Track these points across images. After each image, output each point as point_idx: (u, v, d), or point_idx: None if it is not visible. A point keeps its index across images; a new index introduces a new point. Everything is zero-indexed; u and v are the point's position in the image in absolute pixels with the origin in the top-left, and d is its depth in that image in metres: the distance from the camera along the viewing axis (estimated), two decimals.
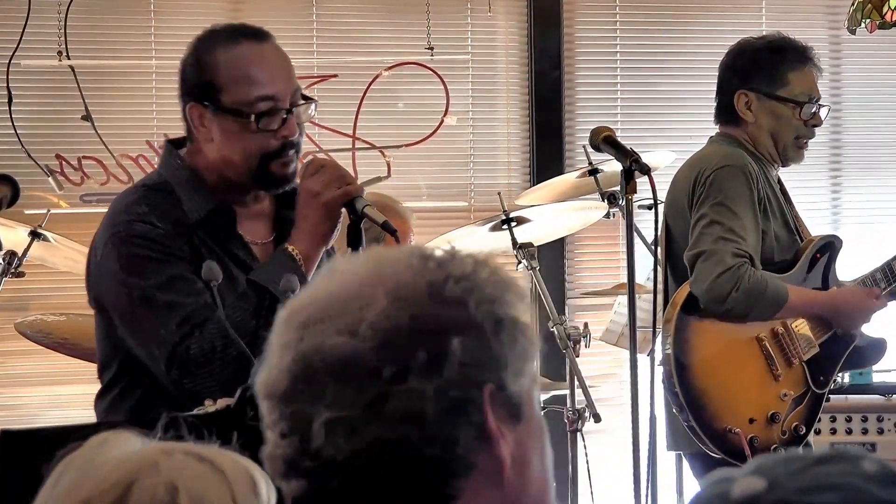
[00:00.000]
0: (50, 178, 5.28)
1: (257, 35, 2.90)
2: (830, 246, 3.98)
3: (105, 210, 5.33)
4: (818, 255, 3.94)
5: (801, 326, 3.89)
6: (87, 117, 5.28)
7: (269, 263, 2.83)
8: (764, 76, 3.94)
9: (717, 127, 4.07)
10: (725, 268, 3.68)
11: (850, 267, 4.08)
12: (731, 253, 3.69)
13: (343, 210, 2.84)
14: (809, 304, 3.89)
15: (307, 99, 2.93)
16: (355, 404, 1.28)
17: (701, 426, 3.71)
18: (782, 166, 4.01)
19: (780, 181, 4.02)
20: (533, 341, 1.38)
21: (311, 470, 1.31)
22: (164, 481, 1.43)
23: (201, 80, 2.87)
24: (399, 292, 1.31)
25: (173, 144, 3.00)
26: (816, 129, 4.01)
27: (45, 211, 4.93)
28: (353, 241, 2.79)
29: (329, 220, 2.81)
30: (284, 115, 2.85)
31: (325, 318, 1.31)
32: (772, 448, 3.79)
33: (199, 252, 2.84)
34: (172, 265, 2.76)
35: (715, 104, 4.06)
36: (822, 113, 4.01)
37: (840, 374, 4.07)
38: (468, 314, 1.32)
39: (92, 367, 4.67)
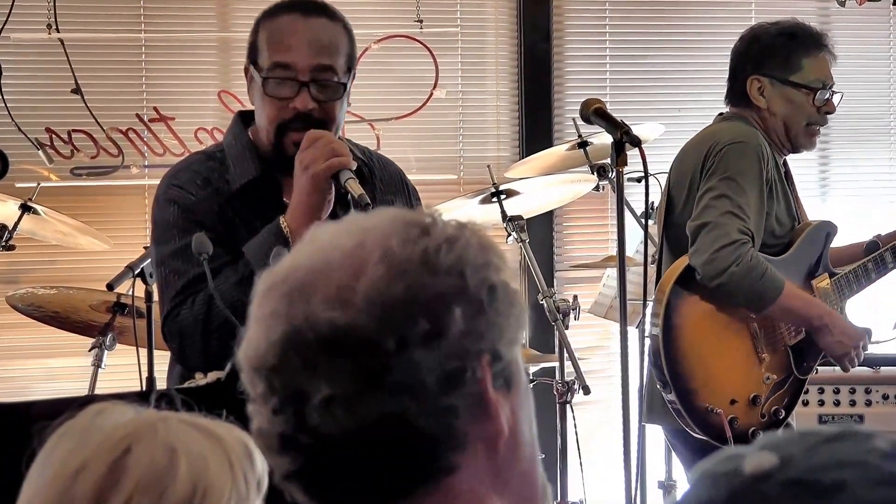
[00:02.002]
0: (40, 152, 5.27)
1: (306, 9, 2.93)
2: (825, 231, 3.96)
3: (93, 183, 5.36)
4: (812, 240, 3.92)
5: None
6: (76, 90, 5.27)
7: (260, 236, 2.85)
8: (778, 62, 3.89)
9: (728, 107, 4.02)
10: (729, 241, 3.64)
11: (838, 238, 4.07)
12: (736, 228, 3.65)
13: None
14: (800, 309, 3.82)
15: (340, 83, 2.91)
16: (354, 378, 1.25)
17: (683, 403, 3.71)
18: (791, 152, 3.98)
19: (786, 164, 3.99)
20: (524, 307, 1.36)
21: (307, 446, 1.28)
22: (162, 444, 1.44)
23: (250, 43, 2.96)
24: (392, 262, 1.27)
25: (242, 115, 3.06)
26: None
27: (34, 184, 4.92)
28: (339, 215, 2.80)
29: (317, 192, 2.82)
30: (299, 87, 2.87)
31: (314, 289, 1.27)
32: (750, 431, 3.78)
33: (233, 221, 2.90)
34: (193, 233, 2.80)
35: (727, 88, 4.00)
36: (836, 100, 3.96)
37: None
38: (465, 283, 1.29)
39: (83, 340, 4.70)
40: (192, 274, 2.84)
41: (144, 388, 3.94)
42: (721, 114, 4.02)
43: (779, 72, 3.90)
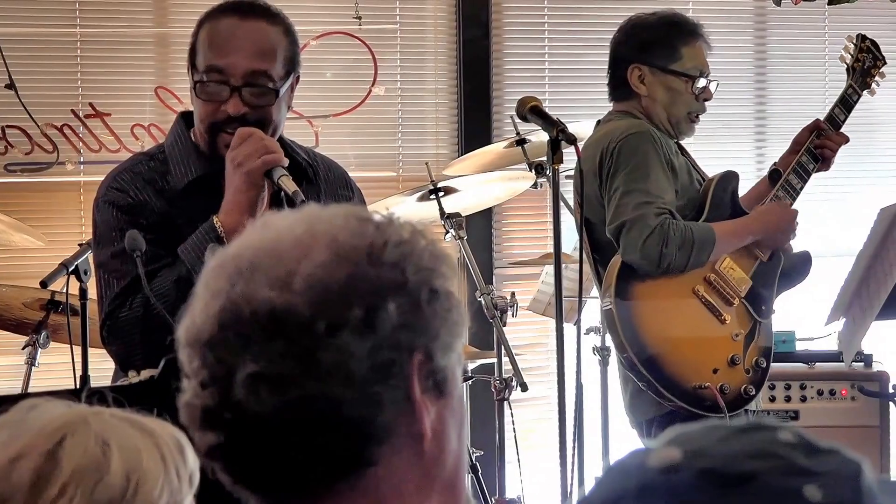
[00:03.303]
0: None
1: (245, 11, 2.91)
2: (728, 179, 4.03)
3: (28, 179, 5.31)
4: (718, 191, 3.98)
5: (730, 265, 3.95)
6: (10, 86, 5.22)
7: (195, 236, 2.84)
8: (657, 50, 4.01)
9: (612, 105, 4.11)
10: (650, 230, 3.72)
11: None
12: (652, 214, 3.73)
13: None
14: (737, 233, 3.95)
15: (273, 89, 2.89)
16: (284, 357, 1.25)
17: (670, 390, 3.76)
18: (675, 138, 4.06)
19: (683, 151, 4.07)
20: (464, 318, 1.37)
21: (229, 422, 1.28)
22: (95, 436, 1.45)
23: (191, 43, 2.94)
24: (338, 250, 1.28)
25: (185, 116, 3.04)
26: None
27: None
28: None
29: (251, 189, 2.81)
30: (231, 92, 2.86)
31: (258, 269, 1.28)
32: (743, 389, 3.86)
33: (176, 222, 2.89)
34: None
35: (608, 82, 4.12)
36: (712, 87, 4.07)
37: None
38: (405, 279, 1.30)
39: (16, 339, 4.65)
40: (130, 276, 2.83)
41: (78, 386, 3.91)
42: (609, 112, 4.09)
43: (659, 60, 4.01)
